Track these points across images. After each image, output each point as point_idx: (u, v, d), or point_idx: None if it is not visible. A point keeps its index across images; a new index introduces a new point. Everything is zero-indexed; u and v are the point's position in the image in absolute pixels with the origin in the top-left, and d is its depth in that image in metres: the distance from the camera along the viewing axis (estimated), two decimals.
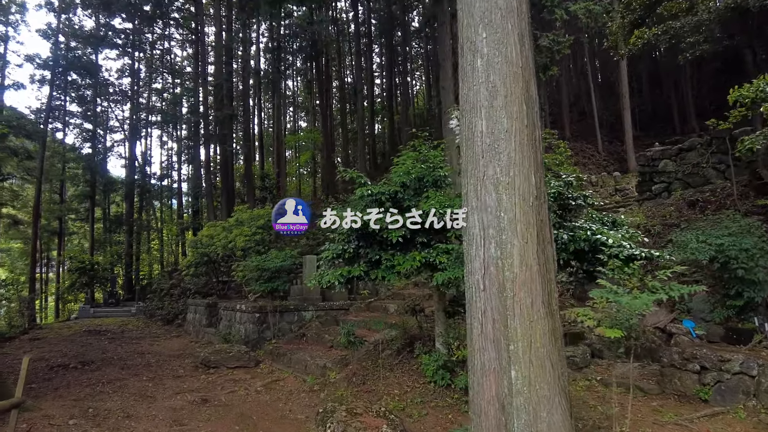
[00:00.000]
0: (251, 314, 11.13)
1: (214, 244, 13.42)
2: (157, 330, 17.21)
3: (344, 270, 6.39)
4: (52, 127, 33.80)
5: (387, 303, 11.77)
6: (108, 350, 12.05)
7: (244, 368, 9.49)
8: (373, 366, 7.75)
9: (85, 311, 24.66)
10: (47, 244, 36.75)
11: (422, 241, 6.38)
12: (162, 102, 41.34)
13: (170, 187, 42.17)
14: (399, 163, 6.74)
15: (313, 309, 11.80)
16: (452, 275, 5.62)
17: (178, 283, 21.18)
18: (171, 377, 8.82)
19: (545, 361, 3.38)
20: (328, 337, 10.08)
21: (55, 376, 8.59)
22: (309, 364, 8.73)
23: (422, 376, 7.15)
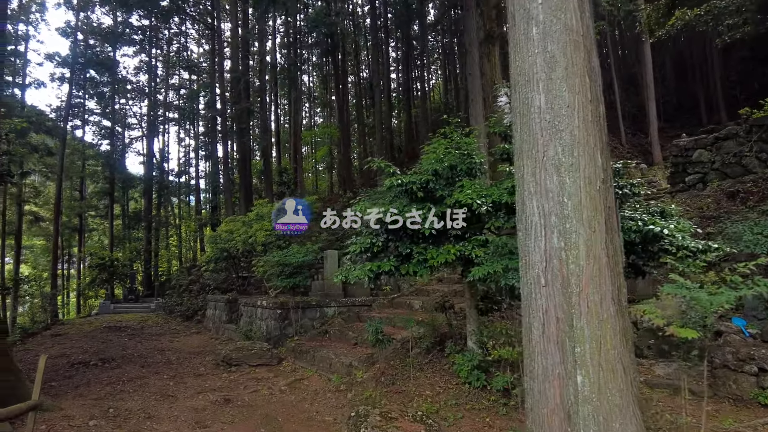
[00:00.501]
0: (273, 310, 10.86)
1: (234, 240, 13.17)
2: (176, 326, 17.10)
3: (373, 265, 6.04)
4: (72, 124, 34.09)
5: (411, 299, 11.40)
6: (128, 347, 11.89)
7: (266, 366, 9.21)
8: (402, 365, 7.40)
9: (106, 307, 24.76)
10: (68, 241, 37.14)
11: (456, 233, 5.99)
12: (179, 99, 41.46)
13: (188, 184, 42.35)
14: (430, 151, 6.35)
15: (335, 305, 11.49)
16: (490, 270, 5.22)
17: (197, 279, 21.09)
18: (192, 375, 8.58)
19: (616, 365, 2.98)
20: (351, 335, 9.76)
21: (76, 374, 8.41)
22: (334, 363, 8.42)
23: (455, 376, 6.77)
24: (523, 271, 3.34)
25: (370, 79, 41.36)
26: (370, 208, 5.95)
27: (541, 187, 3.20)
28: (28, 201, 34.33)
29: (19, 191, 30.82)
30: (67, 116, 30.06)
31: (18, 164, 9.19)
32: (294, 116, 31.44)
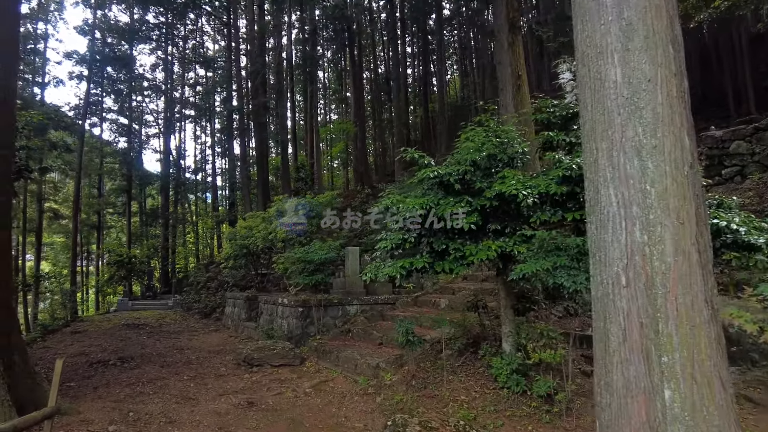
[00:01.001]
0: (294, 308, 10.56)
1: (253, 236, 12.90)
2: (194, 324, 16.94)
3: (405, 261, 5.66)
4: (90, 122, 34.29)
5: (436, 297, 11.01)
6: (147, 345, 11.70)
7: (288, 366, 8.91)
8: (433, 368, 7.03)
9: (124, 304, 24.79)
10: (87, 238, 37.43)
11: (495, 228, 5.59)
12: (195, 95, 41.51)
13: (204, 181, 42.41)
14: (467, 139, 5.94)
15: (358, 303, 11.15)
16: (538, 267, 4.81)
17: (215, 275, 20.94)
18: (213, 376, 8.30)
19: (712, 378, 2.56)
20: (376, 334, 9.41)
21: (95, 374, 8.19)
22: (359, 364, 8.07)
23: (491, 380, 6.39)
24: (596, 269, 2.93)
25: (386, 73, 41.04)
26: (403, 202, 5.57)
27: (619, 172, 2.79)
28: (48, 198, 34.71)
29: (40, 188, 31.08)
30: (85, 114, 30.17)
31: (38, 161, 8.97)
32: (310, 112, 31.17)
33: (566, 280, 4.81)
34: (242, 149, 23.60)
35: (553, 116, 5.87)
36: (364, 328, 10.06)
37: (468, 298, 10.52)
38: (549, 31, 13.80)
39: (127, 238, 33.78)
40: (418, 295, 11.52)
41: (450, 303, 10.23)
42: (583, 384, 6.41)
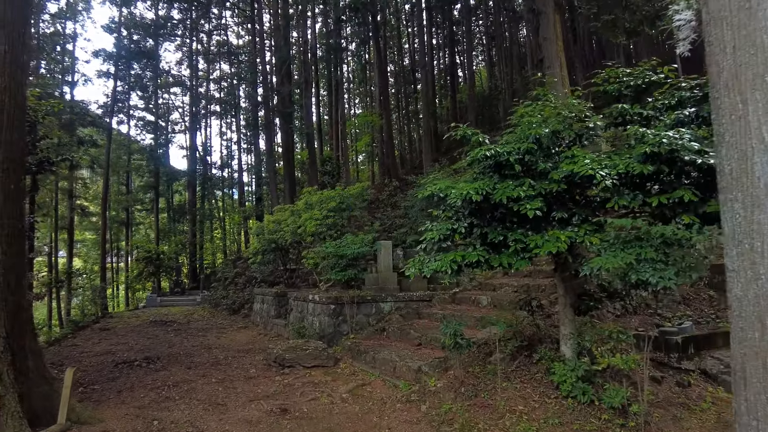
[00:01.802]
0: (326, 305, 10.00)
1: (282, 230, 12.40)
2: (222, 320, 16.62)
3: (457, 255, 4.99)
4: (118, 119, 34.56)
5: (475, 294, 10.30)
6: (174, 344, 11.33)
7: (322, 368, 8.35)
8: (483, 372, 6.35)
9: (152, 300, 24.78)
10: (116, 235, 37.84)
11: (561, 216, 4.86)
12: (220, 91, 41.51)
13: (231, 177, 42.46)
14: (526, 114, 5.20)
15: (392, 300, 10.53)
16: (620, 261, 4.08)
17: (242, 271, 20.64)
18: (242, 378, 7.80)
19: None
20: (414, 333, 8.77)
21: (119, 376, 7.77)
22: (398, 366, 7.45)
23: (551, 387, 5.68)
24: (745, 262, 2.21)
25: (411, 65, 40.23)
26: (454, 187, 4.90)
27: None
28: (78, 196, 35.13)
29: (71, 186, 31.42)
30: (112, 111, 30.29)
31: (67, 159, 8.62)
32: (335, 104, 30.66)
33: (652, 275, 4.07)
34: (268, 143, 23.21)
35: (625, 87, 5.10)
36: (400, 326, 9.43)
37: (511, 295, 9.81)
38: (593, 8, 12.87)
39: (155, 234, 33.95)
40: (455, 292, 10.83)
41: (492, 300, 9.51)
42: (657, 393, 5.65)
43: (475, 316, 8.62)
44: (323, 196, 11.89)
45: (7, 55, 4.62)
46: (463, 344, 5.94)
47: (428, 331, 8.68)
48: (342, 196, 11.62)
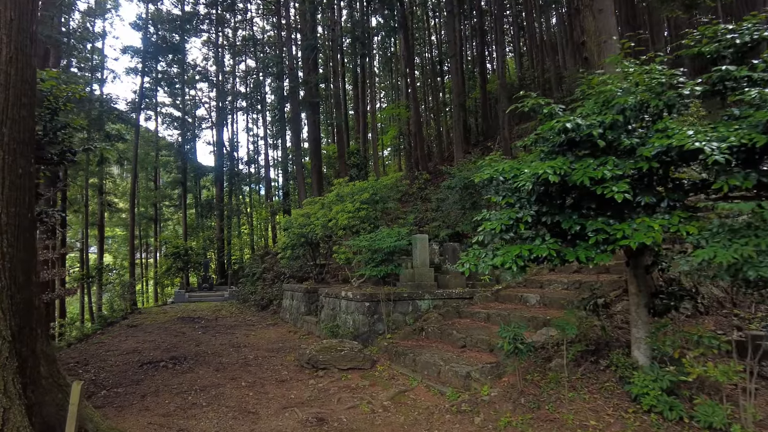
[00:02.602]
0: (360, 303, 9.38)
1: (311, 224, 11.83)
2: (251, 317, 16.21)
3: (523, 248, 4.28)
4: (145, 115, 34.76)
5: (522, 292, 9.54)
6: (201, 342, 10.90)
7: (358, 370, 7.75)
8: (543, 380, 5.62)
9: (180, 296, 24.67)
10: (145, 231, 38.15)
11: (648, 201, 4.10)
12: (246, 86, 41.39)
13: (258, 172, 42.35)
14: (602, 83, 4.44)
15: (430, 298, 9.85)
16: (736, 254, 3.31)
17: (270, 266, 20.25)
18: (274, 382, 7.24)
19: None
20: (456, 334, 8.07)
21: (144, 378, 7.30)
22: (443, 371, 6.79)
23: (625, 399, 4.92)
24: None
25: (439, 57, 39.30)
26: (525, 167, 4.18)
27: None
28: (108, 193, 35.48)
29: (100, 182, 31.69)
30: (140, 106, 30.34)
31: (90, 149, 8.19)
32: (362, 98, 30.00)
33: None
34: (295, 136, 22.68)
35: (725, 46, 4.29)
36: (440, 326, 8.75)
37: (561, 293, 9.02)
38: None
39: (183, 229, 34.02)
40: (498, 289, 10.08)
41: (542, 299, 8.74)
42: (757, 409, 4.84)
43: (525, 316, 7.87)
44: (355, 187, 11.25)
45: (13, 23, 4.11)
46: (524, 349, 5.22)
47: (472, 332, 7.98)
48: (375, 187, 10.96)
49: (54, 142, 7.57)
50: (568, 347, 5.87)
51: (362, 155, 22.25)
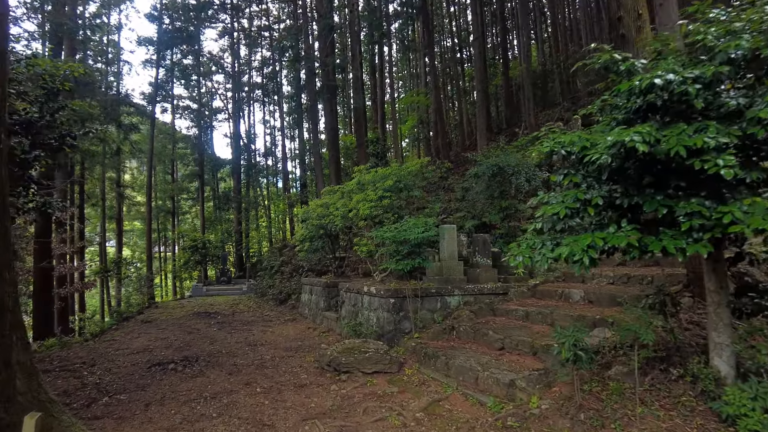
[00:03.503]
0: (385, 299, 8.64)
1: (330, 215, 11.13)
2: (269, 312, 15.64)
3: (596, 237, 3.47)
4: (161, 107, 34.46)
5: (563, 287, 8.69)
6: (216, 339, 10.30)
7: (384, 374, 7.02)
8: (604, 391, 4.82)
9: (198, 290, 24.32)
10: (163, 224, 38.01)
11: (755, 178, 3.26)
12: (263, 77, 40.85)
13: (275, 165, 41.88)
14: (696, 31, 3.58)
15: (459, 293, 9.06)
16: None
17: (288, 260, 19.67)
18: (292, 387, 6.56)
19: None
20: (493, 335, 7.27)
21: (151, 382, 6.68)
22: (482, 377, 6.01)
23: (713, 419, 4.10)
24: None
25: (459, 43, 38.16)
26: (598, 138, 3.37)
27: None
28: (126, 186, 35.39)
29: (118, 175, 31.51)
30: (155, 98, 29.92)
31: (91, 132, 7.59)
32: (380, 85, 29.17)
33: None
34: (312, 122, 21.92)
35: None
36: (473, 325, 7.96)
37: (608, 288, 8.15)
38: None
39: (201, 222, 33.73)
40: (535, 284, 9.25)
41: (586, 295, 7.90)
42: None
43: (571, 315, 7.05)
44: (377, 174, 10.46)
45: None
46: (585, 357, 4.41)
47: (510, 332, 7.19)
48: (399, 173, 10.16)
49: (52, 126, 6.98)
50: (627, 352, 5.05)
51: (381, 144, 21.44)
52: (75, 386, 6.64)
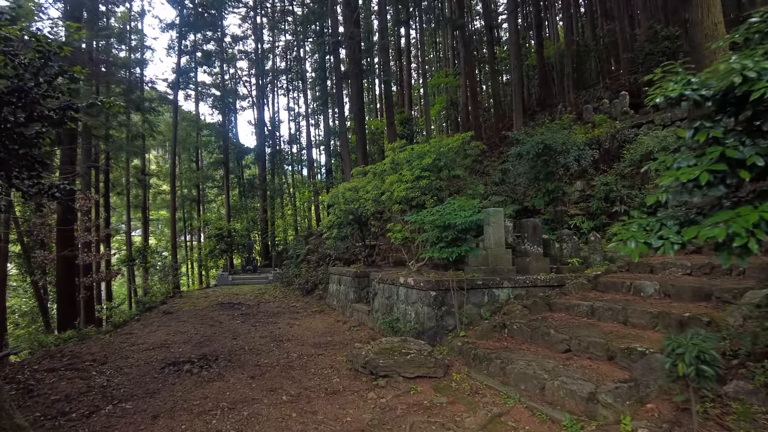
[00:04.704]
0: (425, 291, 7.65)
1: (360, 199, 10.17)
2: (295, 302, 14.85)
3: (764, 211, 2.39)
4: (184, 93, 34.02)
5: (631, 279, 7.54)
6: (239, 334, 9.50)
7: (429, 379, 6.05)
8: (726, 414, 3.74)
9: (224, 278, 23.82)
10: (189, 213, 37.79)
11: None
12: (287, 62, 40.06)
13: (299, 152, 41.22)
14: None
15: (509, 286, 8.00)
16: None
17: (315, 248, 18.85)
18: (323, 394, 5.65)
19: None
20: (556, 335, 6.20)
21: (162, 387, 5.86)
22: (549, 387, 4.98)
23: None
24: None
25: (488, 22, 36.51)
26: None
27: None
28: (151, 175, 35.17)
29: (143, 164, 31.22)
30: (177, 84, 29.36)
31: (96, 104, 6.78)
32: (407, 68, 27.98)
33: None
34: (338, 102, 20.86)
35: None
36: (528, 323, 6.90)
37: (687, 279, 6.99)
38: None
39: (227, 211, 33.28)
40: (596, 275, 8.12)
41: (662, 287, 6.75)
42: None
43: (648, 312, 5.92)
44: (413, 152, 9.42)
45: None
46: (711, 374, 3.34)
47: (576, 332, 6.12)
48: (438, 150, 9.09)
49: (51, 96, 6.16)
50: (751, 363, 3.95)
51: (411, 125, 20.31)
52: (79, 390, 5.88)
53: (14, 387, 6.10)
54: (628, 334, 5.77)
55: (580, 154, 11.90)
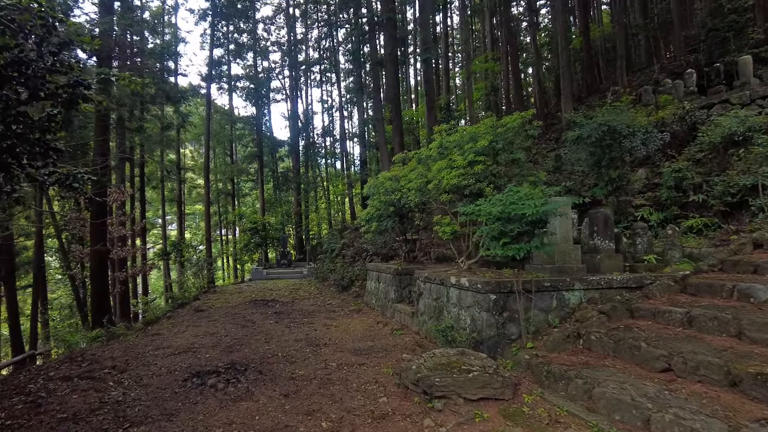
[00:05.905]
0: (483, 294, 6.60)
1: (402, 189, 9.19)
2: (331, 300, 14.03)
3: None
4: (217, 86, 33.78)
5: (735, 280, 6.30)
6: (272, 336, 8.69)
7: (494, 402, 5.03)
8: None
9: (258, 273, 23.36)
10: (224, 207, 37.71)
11: None
12: (320, 52, 39.36)
13: (333, 145, 40.57)
14: None
15: (580, 287, 6.87)
16: None
17: (350, 242, 18.04)
18: (369, 419, 4.72)
19: None
20: (649, 348, 5.07)
21: (182, 408, 5.03)
22: (657, 421, 3.90)
23: None
24: None
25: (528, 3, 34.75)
26: None
27: None
28: (186, 169, 35.18)
29: (177, 158, 31.14)
30: (210, 77, 28.98)
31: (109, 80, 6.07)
32: (445, 52, 26.72)
33: None
34: (375, 90, 19.82)
35: None
36: (609, 332, 5.78)
37: None
38: None
39: (261, 204, 32.93)
40: (685, 275, 6.90)
41: None
42: None
43: None
44: (465, 134, 8.35)
45: None
46: None
47: (676, 346, 4.97)
48: (495, 131, 7.98)
49: (59, 71, 5.42)
50: None
51: (451, 113, 19.15)
52: (90, 406, 5.14)
53: (22, 400, 5.43)
54: (750, 352, 4.59)
55: (648, 137, 10.60)
